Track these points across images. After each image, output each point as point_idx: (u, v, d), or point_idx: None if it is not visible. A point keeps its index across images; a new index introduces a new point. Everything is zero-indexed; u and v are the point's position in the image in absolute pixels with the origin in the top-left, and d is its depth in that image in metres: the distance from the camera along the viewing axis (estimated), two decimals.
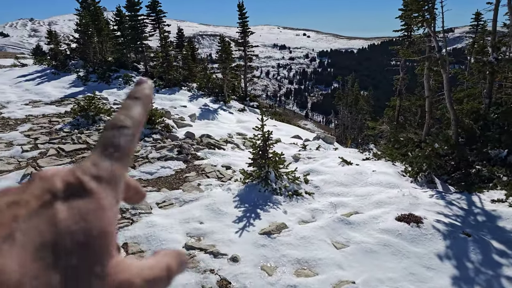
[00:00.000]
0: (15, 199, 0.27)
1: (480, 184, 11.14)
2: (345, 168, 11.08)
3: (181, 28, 34.02)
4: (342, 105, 39.99)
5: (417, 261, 6.51)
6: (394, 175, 11.01)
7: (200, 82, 24.24)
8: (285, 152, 12.94)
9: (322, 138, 15.84)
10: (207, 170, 10.27)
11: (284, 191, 9.03)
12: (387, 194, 9.27)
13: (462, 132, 14.05)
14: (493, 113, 13.49)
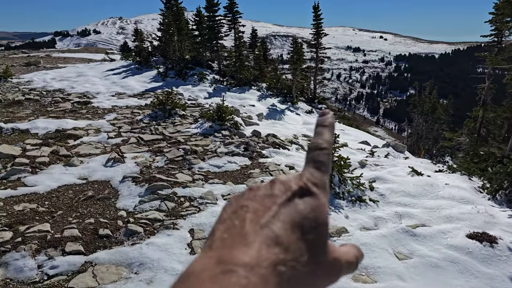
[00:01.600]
0: (269, 193, 0.40)
1: None
2: (414, 179, 10.60)
3: (255, 29, 34.94)
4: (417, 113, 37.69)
5: (487, 282, 6.09)
6: (470, 190, 10.24)
7: (269, 82, 24.75)
8: (352, 157, 12.77)
9: (392, 145, 15.25)
10: (271, 168, 10.57)
11: (347, 196, 8.97)
12: (459, 210, 8.70)
13: None
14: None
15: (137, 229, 6.51)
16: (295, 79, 23.49)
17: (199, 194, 8.39)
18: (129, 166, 9.25)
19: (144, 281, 5.35)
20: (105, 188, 8.21)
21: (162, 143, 11.15)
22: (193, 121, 13.94)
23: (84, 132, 11.58)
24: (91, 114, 13.91)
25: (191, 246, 6.44)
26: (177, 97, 18.01)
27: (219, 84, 23.61)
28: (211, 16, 26.20)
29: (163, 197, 7.82)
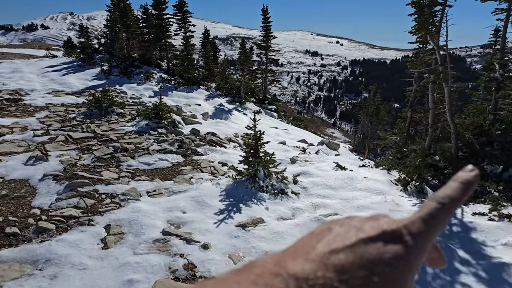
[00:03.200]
0: (359, 225, 0.40)
1: (471, 197, 11.16)
2: (337, 173, 11.39)
3: (208, 29, 35.13)
4: (363, 114, 39.83)
5: None
6: (385, 183, 11.20)
7: (218, 82, 25.07)
8: (286, 154, 13.45)
9: (326, 143, 16.14)
10: (203, 165, 10.89)
11: (271, 189, 9.50)
12: (371, 200, 9.55)
13: (463, 146, 13.98)
14: (496, 130, 13.35)
15: (48, 226, 6.53)
16: (243, 79, 23.98)
17: (122, 191, 8.51)
18: (52, 164, 9.14)
19: (47, 277, 5.43)
20: (22, 186, 8.08)
21: (93, 141, 11.08)
22: (130, 119, 13.92)
23: (8, 130, 11.20)
24: (20, 112, 13.42)
25: (104, 241, 6.58)
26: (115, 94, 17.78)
27: (167, 83, 23.55)
28: (159, 14, 26.05)
29: (83, 194, 7.86)
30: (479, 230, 8.30)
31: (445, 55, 12.27)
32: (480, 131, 14.65)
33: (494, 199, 10.25)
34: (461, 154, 14.17)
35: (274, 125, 20.70)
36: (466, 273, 6.56)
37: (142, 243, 6.76)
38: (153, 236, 6.99)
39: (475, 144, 14.07)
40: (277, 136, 16.92)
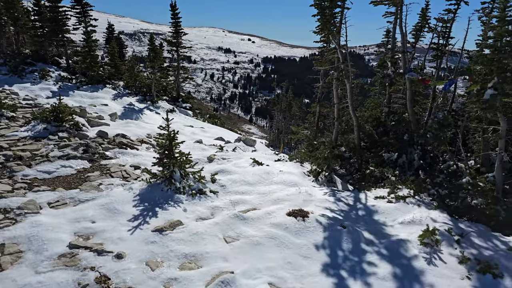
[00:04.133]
0: None
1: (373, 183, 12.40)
2: (255, 168, 11.62)
3: (112, 24, 32.79)
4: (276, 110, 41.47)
5: (296, 251, 7.13)
6: (299, 175, 11.80)
7: (127, 80, 23.60)
8: (203, 153, 13.25)
9: (243, 140, 16.36)
10: (113, 169, 10.14)
11: (188, 190, 9.25)
12: (287, 192, 9.93)
13: (365, 137, 15.45)
14: (390, 121, 15.04)
15: None
16: (154, 77, 22.96)
17: (17, 205, 7.46)
18: None
19: None
20: None
21: None
22: (24, 123, 12.27)
23: None
24: None
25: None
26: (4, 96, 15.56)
27: (67, 82, 21.34)
28: (54, 6, 23.42)
29: None
30: (380, 212, 9.24)
31: (346, 54, 13.35)
32: (378, 123, 16.34)
33: (391, 183, 11.51)
34: (363, 144, 15.63)
35: (190, 124, 20.28)
36: (371, 252, 7.24)
37: (45, 260, 6.02)
38: (58, 251, 6.27)
39: (374, 134, 15.65)
40: (193, 135, 16.61)
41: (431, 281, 6.41)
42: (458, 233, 7.82)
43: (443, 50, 15.75)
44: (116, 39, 30.64)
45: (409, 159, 13.46)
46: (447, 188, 10.64)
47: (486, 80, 8.79)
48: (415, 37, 18.44)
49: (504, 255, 7.17)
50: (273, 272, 6.45)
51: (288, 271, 6.52)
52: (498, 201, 9.36)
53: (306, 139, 17.32)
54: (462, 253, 7.15)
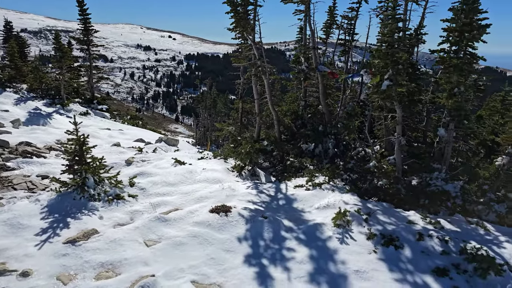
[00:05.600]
0: None
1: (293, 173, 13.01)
2: (177, 168, 11.39)
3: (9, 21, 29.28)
4: (201, 108, 41.05)
5: (219, 246, 7.20)
6: (223, 172, 11.88)
7: (31, 82, 21.32)
8: (121, 156, 12.59)
9: (164, 140, 15.92)
10: (16, 181, 9.15)
11: (104, 196, 8.74)
12: (210, 189, 9.95)
13: (285, 130, 16.12)
14: (307, 114, 15.90)
15: None
16: (63, 78, 21.11)
17: None
18: None
19: None
20: None
21: None
22: None
23: None
24: None
25: None
26: None
27: None
28: None
29: None
30: (299, 200, 9.75)
31: (261, 50, 13.72)
32: (297, 116, 17.14)
33: (309, 172, 12.19)
34: (284, 137, 16.28)
35: (107, 127, 19.09)
36: (290, 239, 7.62)
37: None
38: None
39: (293, 127, 16.39)
40: (110, 138, 15.68)
41: (344, 258, 6.98)
42: (366, 212, 8.61)
43: (350, 46, 17.09)
44: (16, 37, 27.41)
45: (324, 149, 14.38)
46: (357, 173, 11.63)
47: (383, 73, 9.76)
48: (326, 33, 19.70)
49: (404, 228, 8.09)
50: (196, 270, 6.44)
51: (211, 267, 6.57)
52: (399, 180, 10.52)
53: (230, 135, 17.48)
54: (369, 230, 7.89)
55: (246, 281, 6.19)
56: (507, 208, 9.62)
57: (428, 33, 12.99)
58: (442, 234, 7.85)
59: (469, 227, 8.59)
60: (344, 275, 6.53)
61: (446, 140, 10.57)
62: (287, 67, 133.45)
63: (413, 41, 12.35)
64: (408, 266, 6.90)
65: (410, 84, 9.71)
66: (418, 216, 8.80)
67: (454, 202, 9.92)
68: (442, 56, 9.49)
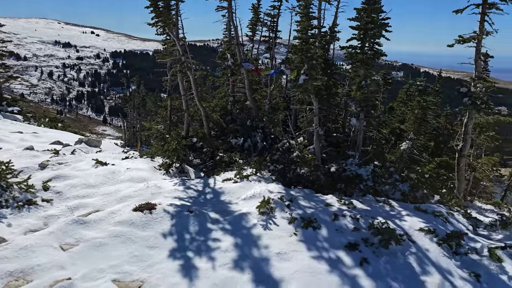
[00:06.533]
0: None
1: (224, 168, 13.21)
2: (98, 169, 10.87)
3: None
4: (129, 108, 39.26)
5: (143, 243, 7.09)
6: (149, 170, 11.62)
7: None
8: (34, 160, 11.62)
9: (85, 142, 15.05)
10: None
11: (13, 203, 8.06)
12: (134, 189, 9.69)
13: (214, 126, 16.24)
14: (236, 109, 16.20)
15: None
16: None
17: None
18: None
19: None
20: None
21: None
22: None
23: None
24: None
25: None
26: None
27: None
28: None
29: None
30: (226, 192, 9.96)
31: (185, 46, 13.64)
32: (226, 112, 17.34)
33: (239, 165, 12.47)
34: (214, 133, 16.39)
35: (18, 130, 17.43)
36: (216, 230, 7.78)
37: None
38: None
39: (223, 123, 16.57)
40: (22, 142, 14.35)
41: (267, 243, 7.33)
42: (289, 199, 9.11)
43: (273, 42, 17.73)
44: None
45: (253, 142, 14.80)
46: (282, 163, 12.19)
47: (299, 68, 10.35)
48: (252, 30, 20.18)
49: (321, 211, 8.73)
50: (117, 269, 6.30)
51: (134, 265, 6.47)
52: (318, 168, 11.27)
53: (158, 133, 17.09)
54: (291, 215, 8.37)
55: (170, 274, 6.22)
56: (409, 186, 10.88)
57: (341, 31, 14.04)
58: (354, 213, 8.63)
59: (378, 205, 9.57)
60: (266, 258, 6.88)
61: (358, 129, 11.58)
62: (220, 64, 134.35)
63: (327, 39, 13.25)
64: (324, 244, 7.48)
65: (324, 78, 10.43)
66: (334, 199, 9.55)
67: (366, 184, 10.93)
68: (350, 52, 10.38)
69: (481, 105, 11.85)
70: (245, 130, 14.92)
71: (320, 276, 6.53)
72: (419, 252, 7.56)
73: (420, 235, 8.06)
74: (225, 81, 17.47)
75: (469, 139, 12.75)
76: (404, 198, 10.83)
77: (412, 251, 7.52)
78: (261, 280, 6.27)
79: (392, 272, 6.93)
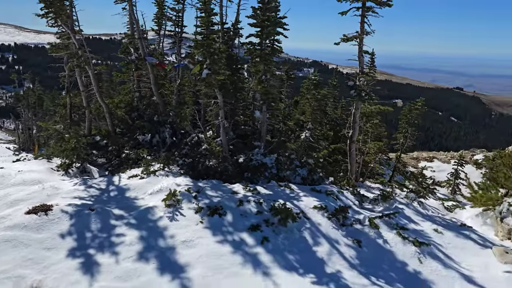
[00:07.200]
0: None
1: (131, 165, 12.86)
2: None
3: None
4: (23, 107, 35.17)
5: (38, 246, 6.71)
6: (45, 172, 10.78)
7: None
8: None
9: None
10: None
11: None
12: (27, 192, 8.95)
13: (119, 123, 15.63)
14: (143, 105, 15.80)
15: None
16: None
17: None
18: None
19: None
20: None
21: None
22: None
23: None
24: None
25: None
26: None
27: None
28: None
29: None
30: (132, 188, 9.81)
31: (81, 40, 12.88)
32: (131, 108, 16.76)
33: (146, 162, 12.29)
34: (119, 130, 15.75)
35: None
36: (120, 226, 7.70)
37: None
38: None
39: (128, 119, 16.02)
40: None
41: (173, 233, 7.53)
42: (196, 190, 9.39)
43: (179, 37, 17.64)
44: None
45: (162, 138, 14.65)
46: (191, 157, 12.38)
47: (202, 62, 10.63)
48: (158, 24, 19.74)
49: (227, 198, 9.19)
50: (9, 274, 5.92)
51: (28, 268, 6.13)
52: (226, 159, 11.74)
53: (56, 133, 15.83)
54: (197, 205, 8.66)
55: (69, 273, 6.05)
56: (308, 171, 12.01)
57: (244, 28, 14.66)
58: (258, 198, 9.28)
59: (280, 190, 10.41)
60: (172, 247, 7.08)
61: (262, 120, 12.34)
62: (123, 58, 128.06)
63: (231, 35, 13.76)
64: (229, 229, 7.96)
65: (227, 72, 10.89)
66: (241, 187, 10.11)
67: (271, 171, 11.75)
68: (249, 48, 11.00)
69: (365, 96, 13.56)
70: (152, 126, 14.68)
71: (224, 257, 6.98)
72: (312, 226, 8.50)
73: (314, 212, 9.06)
74: (129, 76, 16.86)
75: (357, 127, 14.48)
76: (304, 182, 11.92)
77: (307, 226, 8.43)
78: (166, 267, 6.47)
79: (289, 246, 7.71)
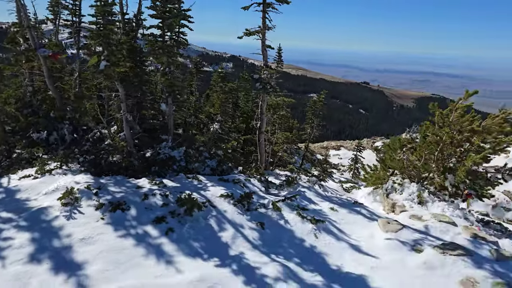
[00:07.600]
0: None
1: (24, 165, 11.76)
2: None
3: None
4: None
5: None
6: None
7: None
8: None
9: None
10: None
11: None
12: None
13: (9, 120, 14.09)
14: (37, 100, 14.44)
15: None
16: None
17: None
18: None
19: None
20: None
21: None
22: None
23: None
24: None
25: None
26: None
27: None
28: None
29: None
30: (23, 190, 9.04)
31: None
32: (24, 103, 15.20)
33: (41, 161, 11.35)
34: (9, 128, 14.20)
35: None
36: (8, 229, 7.11)
37: None
38: None
39: (20, 116, 14.52)
40: None
41: (69, 232, 7.20)
42: (97, 187, 9.04)
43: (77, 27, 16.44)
44: None
45: (60, 135, 13.63)
46: (93, 153, 11.79)
47: (99, 53, 10.17)
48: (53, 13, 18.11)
49: (132, 193, 9.05)
50: None
51: None
52: (131, 154, 11.46)
53: None
54: (98, 201, 8.37)
55: None
56: (217, 162, 12.35)
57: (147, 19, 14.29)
58: (164, 191, 9.31)
59: (187, 181, 10.55)
60: (69, 246, 6.78)
61: (168, 113, 12.27)
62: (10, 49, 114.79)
63: (132, 26, 13.32)
64: (133, 223, 7.88)
65: (127, 64, 10.59)
66: (146, 181, 10.00)
67: (179, 164, 11.80)
68: (150, 39, 10.84)
69: (269, 89, 14.34)
70: (49, 123, 13.57)
71: (126, 251, 6.92)
72: (218, 214, 8.85)
73: (220, 200, 9.41)
74: (20, 69, 15.22)
75: (264, 118, 15.27)
76: (213, 173, 12.23)
77: (213, 214, 8.75)
78: (61, 267, 6.20)
79: (194, 235, 7.93)
